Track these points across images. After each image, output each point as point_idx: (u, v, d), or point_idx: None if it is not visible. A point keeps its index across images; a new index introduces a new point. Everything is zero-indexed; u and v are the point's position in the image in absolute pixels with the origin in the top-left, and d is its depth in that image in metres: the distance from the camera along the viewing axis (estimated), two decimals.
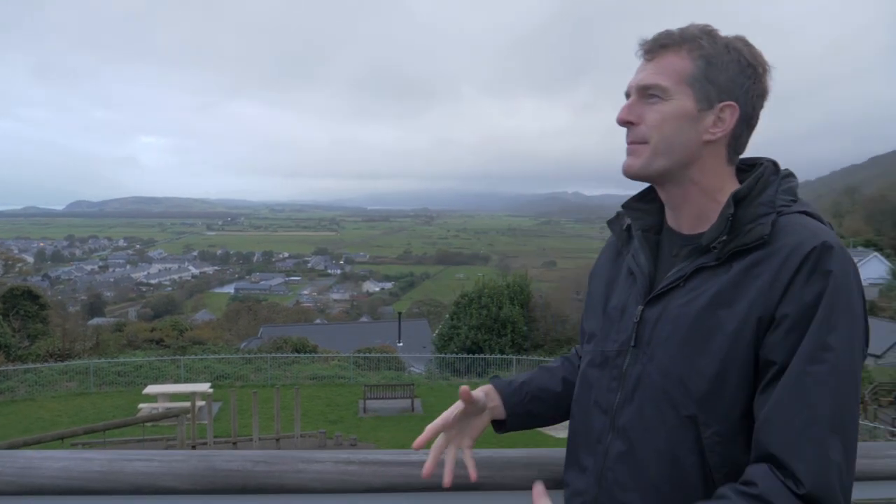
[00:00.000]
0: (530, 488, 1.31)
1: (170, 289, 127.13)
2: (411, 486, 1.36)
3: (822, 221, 1.11)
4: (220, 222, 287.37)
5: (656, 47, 1.17)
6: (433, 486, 1.31)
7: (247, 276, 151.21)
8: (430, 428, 1.28)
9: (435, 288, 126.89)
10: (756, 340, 1.04)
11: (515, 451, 1.45)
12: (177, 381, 20.36)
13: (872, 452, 1.52)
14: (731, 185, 1.17)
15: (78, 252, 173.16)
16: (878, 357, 32.55)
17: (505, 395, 1.39)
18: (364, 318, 62.31)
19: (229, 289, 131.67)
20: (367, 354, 23.61)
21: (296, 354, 22.96)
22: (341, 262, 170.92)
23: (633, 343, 1.18)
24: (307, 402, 18.09)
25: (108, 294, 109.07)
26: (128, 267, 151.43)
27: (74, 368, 20.60)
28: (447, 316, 26.04)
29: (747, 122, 1.17)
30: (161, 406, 16.98)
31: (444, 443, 1.33)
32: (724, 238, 1.10)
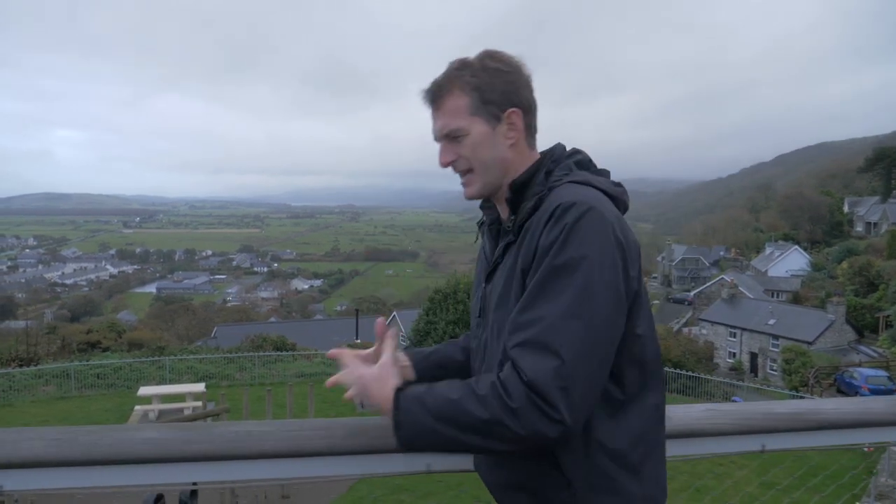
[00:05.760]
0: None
1: (87, 289, 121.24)
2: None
3: (591, 184, 1.34)
4: (137, 219, 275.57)
5: (436, 97, 1.41)
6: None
7: (169, 275, 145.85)
8: (343, 352, 1.45)
9: (365, 284, 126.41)
10: (524, 286, 1.29)
11: None
12: (160, 381, 19.79)
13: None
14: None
15: None
16: (809, 343, 35.07)
17: (415, 360, 1.60)
18: (318, 316, 61.63)
19: (150, 288, 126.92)
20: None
21: (278, 353, 22.79)
22: (267, 260, 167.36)
23: (478, 314, 1.49)
24: (301, 399, 18.05)
25: (20, 295, 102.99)
26: (40, 267, 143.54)
27: (49, 372, 19.74)
28: (422, 311, 26.29)
29: (530, 111, 1.42)
30: (156, 408, 16.60)
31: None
32: (513, 217, 1.38)
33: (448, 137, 1.40)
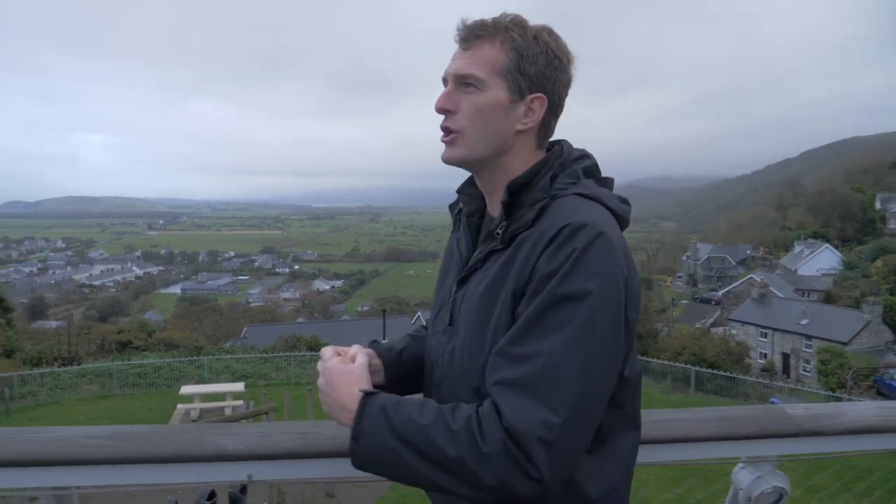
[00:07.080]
0: None
1: (114, 290, 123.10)
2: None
3: (600, 200, 1.18)
4: (161, 221, 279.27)
5: (472, 37, 1.20)
6: None
7: (193, 277, 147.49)
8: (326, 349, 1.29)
9: (386, 285, 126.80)
10: (513, 311, 1.12)
11: None
12: (199, 381, 20.08)
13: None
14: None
15: (14, 254, 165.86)
16: (845, 344, 34.55)
17: (386, 362, 1.40)
18: (345, 317, 62.00)
19: (175, 289, 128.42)
20: None
21: (312, 353, 22.98)
22: (289, 261, 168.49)
23: (449, 322, 1.29)
24: None
25: (50, 296, 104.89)
26: (68, 268, 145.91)
27: (92, 371, 20.14)
28: None
29: (554, 111, 1.24)
30: (197, 407, 16.83)
31: None
32: (504, 223, 1.20)
33: (459, 82, 1.21)
